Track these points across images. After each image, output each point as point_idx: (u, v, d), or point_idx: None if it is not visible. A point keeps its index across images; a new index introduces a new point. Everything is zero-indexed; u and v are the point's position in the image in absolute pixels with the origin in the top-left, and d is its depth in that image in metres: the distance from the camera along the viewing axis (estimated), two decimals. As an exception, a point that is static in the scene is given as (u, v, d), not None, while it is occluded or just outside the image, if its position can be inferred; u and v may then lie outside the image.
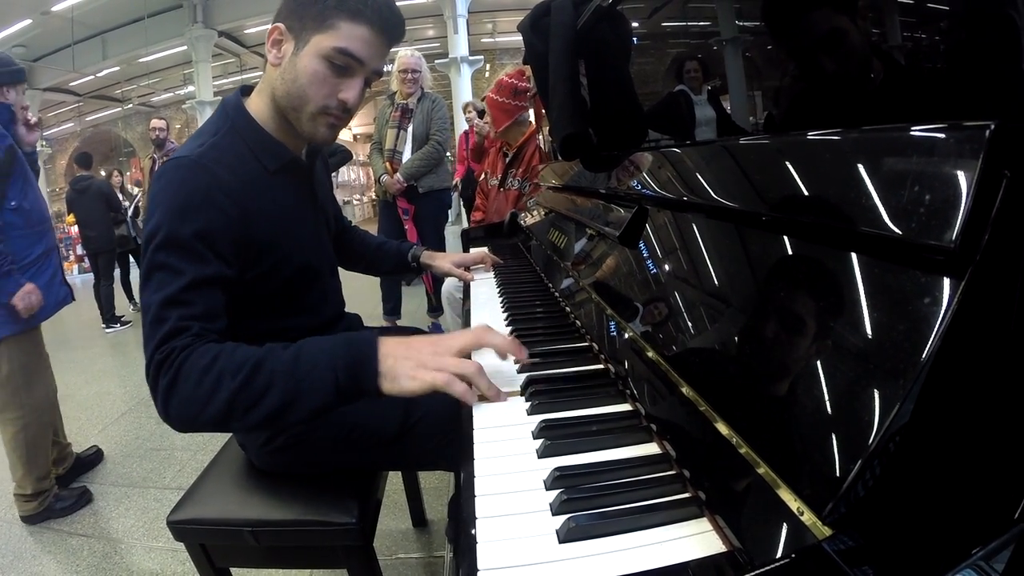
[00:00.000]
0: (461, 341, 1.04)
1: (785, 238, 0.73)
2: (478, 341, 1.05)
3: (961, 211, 0.50)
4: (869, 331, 0.56)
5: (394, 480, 2.31)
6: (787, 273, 0.72)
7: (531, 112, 3.36)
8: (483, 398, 0.99)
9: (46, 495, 2.64)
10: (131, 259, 7.22)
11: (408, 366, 0.98)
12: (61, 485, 2.81)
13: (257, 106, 1.26)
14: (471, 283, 1.88)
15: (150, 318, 1.02)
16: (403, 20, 1.22)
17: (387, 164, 4.10)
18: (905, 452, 0.50)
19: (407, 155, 4.08)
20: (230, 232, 1.12)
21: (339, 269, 1.61)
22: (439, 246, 4.21)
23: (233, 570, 1.44)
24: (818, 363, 0.60)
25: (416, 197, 4.12)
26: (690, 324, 0.89)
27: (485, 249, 2.05)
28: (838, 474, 0.51)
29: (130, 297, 7.45)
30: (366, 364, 0.98)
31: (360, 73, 1.19)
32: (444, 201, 4.28)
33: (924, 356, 0.49)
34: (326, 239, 1.46)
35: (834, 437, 0.54)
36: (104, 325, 6.66)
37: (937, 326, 0.50)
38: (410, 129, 4.07)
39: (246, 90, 1.31)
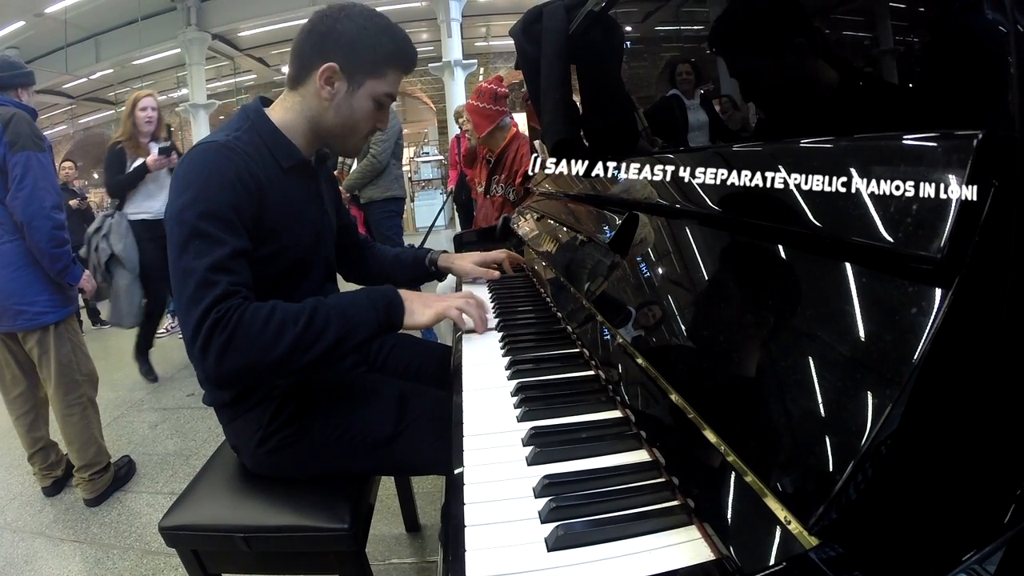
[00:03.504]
0: (455, 303, 1.37)
1: (775, 247, 0.73)
2: (466, 311, 1.38)
3: (948, 221, 0.50)
4: (856, 341, 0.56)
5: (387, 485, 2.30)
6: (776, 282, 0.72)
7: (514, 117, 3.35)
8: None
9: (111, 465, 2.80)
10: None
11: (420, 305, 1.31)
12: (55, 490, 2.82)
13: (280, 116, 1.35)
14: (464, 288, 1.87)
15: (197, 280, 1.11)
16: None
17: (338, 175, 4.35)
18: (892, 461, 0.50)
19: (355, 167, 4.27)
20: (251, 210, 1.22)
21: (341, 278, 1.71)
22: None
23: (225, 576, 1.44)
24: (805, 372, 0.60)
25: (362, 206, 4.28)
26: (680, 331, 0.89)
27: (504, 251, 2.01)
28: (824, 484, 0.51)
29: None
30: (396, 304, 1.27)
31: (390, 105, 1.41)
32: (389, 209, 4.33)
33: (910, 367, 0.49)
34: (327, 243, 1.50)
35: (820, 446, 0.54)
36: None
37: (924, 337, 0.50)
38: None
39: (265, 101, 1.41)
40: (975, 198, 0.50)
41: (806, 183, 0.69)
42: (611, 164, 1.46)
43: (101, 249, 3.60)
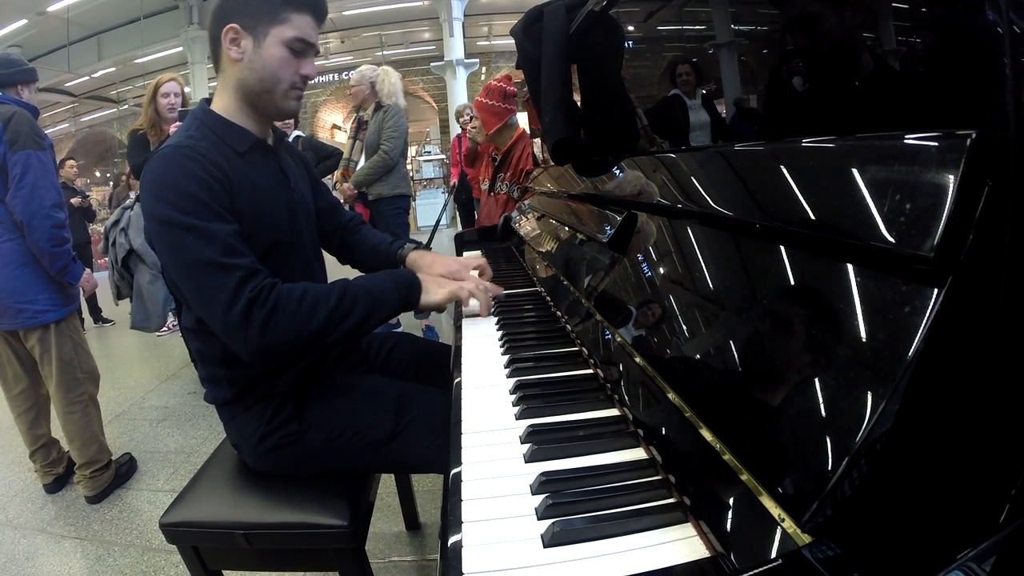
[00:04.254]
0: (467, 287, 1.48)
1: (771, 246, 0.73)
2: (475, 295, 1.49)
3: (941, 220, 0.51)
4: (850, 340, 0.56)
5: (387, 483, 2.30)
6: (772, 281, 0.73)
7: (518, 116, 3.37)
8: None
9: (112, 463, 2.81)
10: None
11: (435, 286, 1.44)
12: (56, 487, 2.83)
13: (220, 104, 1.38)
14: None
15: (212, 268, 1.17)
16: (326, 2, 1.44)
17: (340, 172, 4.35)
18: (885, 460, 0.50)
19: (362, 163, 4.25)
20: (224, 198, 1.25)
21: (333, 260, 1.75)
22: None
23: (225, 572, 1.45)
24: (800, 371, 0.60)
25: (369, 203, 4.27)
26: (677, 330, 0.89)
27: (478, 254, 1.99)
28: (817, 482, 0.51)
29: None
30: (414, 284, 1.40)
31: (311, 53, 1.38)
32: (398, 206, 4.34)
33: (904, 366, 0.50)
34: (302, 220, 1.50)
35: (814, 445, 0.54)
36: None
37: (917, 335, 0.50)
38: (364, 139, 4.25)
39: (208, 101, 1.42)
40: (969, 197, 0.50)
41: (803, 182, 0.70)
42: (611, 163, 1.47)
43: (119, 244, 3.46)
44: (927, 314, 0.50)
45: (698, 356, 0.80)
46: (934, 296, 0.50)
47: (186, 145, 1.25)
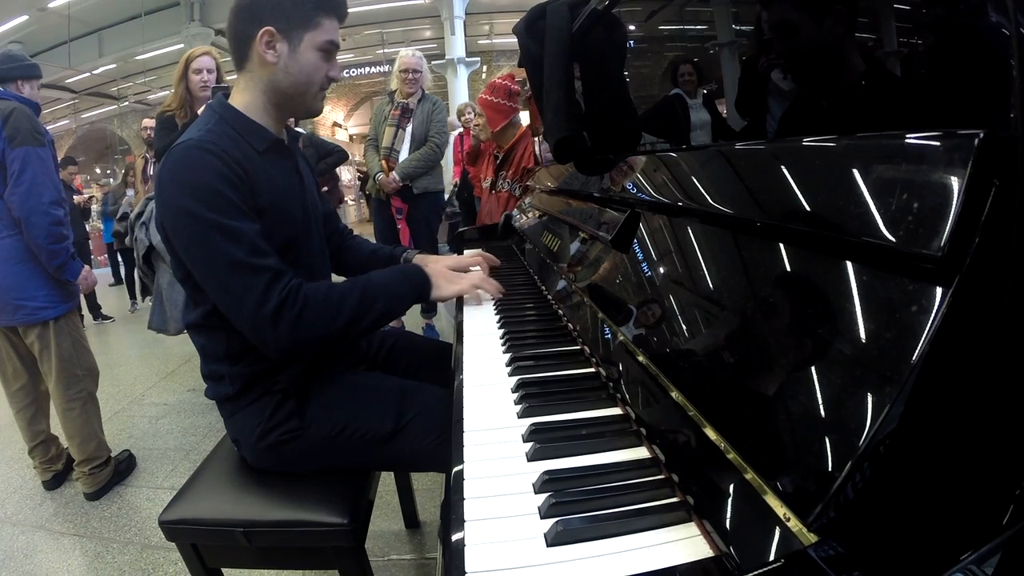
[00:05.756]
0: (474, 282, 1.60)
1: (775, 244, 0.73)
2: (481, 288, 1.61)
3: (949, 220, 0.50)
4: (856, 339, 0.56)
5: (386, 481, 2.30)
6: (777, 280, 0.72)
7: (522, 114, 3.38)
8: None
9: (111, 460, 2.82)
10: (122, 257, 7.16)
11: (444, 281, 1.53)
12: (55, 484, 2.83)
13: (242, 101, 1.39)
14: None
15: (241, 269, 1.21)
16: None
17: (383, 162, 4.05)
18: (890, 460, 0.50)
19: (404, 154, 4.04)
20: (245, 194, 1.27)
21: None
22: (432, 247, 4.18)
23: (225, 570, 1.44)
24: (805, 370, 0.60)
25: (410, 197, 4.07)
26: (680, 329, 0.89)
27: (479, 251, 2.00)
28: (823, 481, 0.51)
29: (132, 295, 7.40)
30: (425, 281, 1.48)
31: (336, 53, 1.42)
32: (438, 203, 4.26)
33: (910, 366, 0.49)
34: (312, 220, 1.52)
35: (819, 444, 0.54)
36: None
37: (923, 336, 0.50)
38: (409, 129, 4.04)
39: (227, 95, 1.43)
40: (976, 198, 0.50)
41: (807, 181, 0.69)
42: (613, 162, 1.47)
43: (139, 240, 3.26)
44: (933, 314, 0.50)
45: (702, 355, 0.80)
46: (941, 296, 0.50)
47: (207, 140, 1.26)
